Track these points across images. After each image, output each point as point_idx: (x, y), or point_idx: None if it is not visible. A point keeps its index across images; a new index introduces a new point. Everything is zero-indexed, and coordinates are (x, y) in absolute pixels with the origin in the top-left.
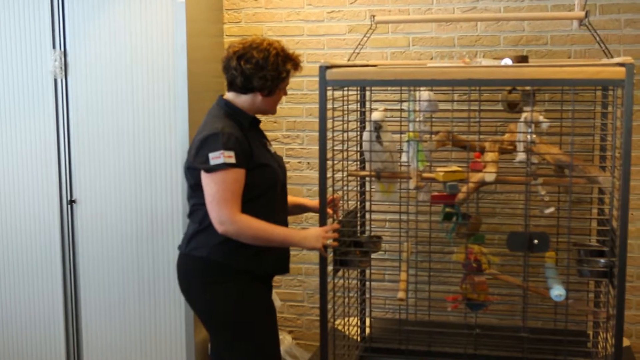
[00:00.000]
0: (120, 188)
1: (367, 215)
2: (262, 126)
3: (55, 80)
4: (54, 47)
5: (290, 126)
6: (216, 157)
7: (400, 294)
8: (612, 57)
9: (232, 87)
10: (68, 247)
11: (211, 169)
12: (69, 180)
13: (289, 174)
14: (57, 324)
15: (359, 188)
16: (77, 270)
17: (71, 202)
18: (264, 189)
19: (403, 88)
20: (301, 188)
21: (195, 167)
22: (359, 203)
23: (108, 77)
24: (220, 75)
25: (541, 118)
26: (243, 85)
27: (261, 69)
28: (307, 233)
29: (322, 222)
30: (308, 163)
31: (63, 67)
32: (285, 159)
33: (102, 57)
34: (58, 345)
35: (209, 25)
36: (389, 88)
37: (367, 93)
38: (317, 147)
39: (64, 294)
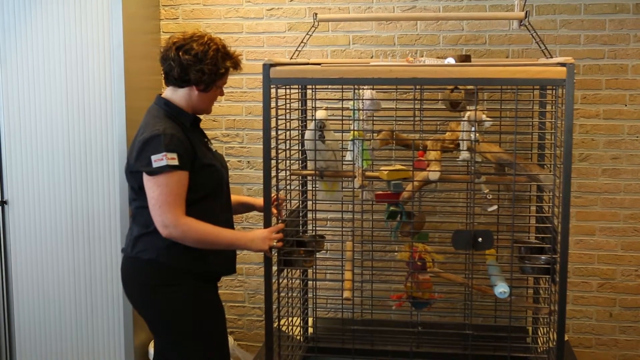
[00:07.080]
0: (54, 188)
1: (310, 215)
2: (201, 125)
3: None
4: None
5: (230, 125)
6: (159, 160)
7: (346, 294)
8: (551, 56)
9: (168, 79)
10: None
11: (154, 172)
12: None
13: (229, 173)
14: None
15: (301, 187)
16: (9, 274)
17: (2, 203)
18: (209, 190)
19: (345, 86)
20: (241, 187)
21: (137, 170)
22: (301, 202)
23: (41, 74)
24: (157, 72)
25: (484, 117)
26: (179, 77)
27: (199, 62)
28: (253, 235)
29: (267, 223)
30: (248, 162)
31: None
32: (225, 158)
33: (34, 52)
34: None
35: (146, 22)
36: (331, 86)
37: (309, 91)
38: (257, 146)
39: None
